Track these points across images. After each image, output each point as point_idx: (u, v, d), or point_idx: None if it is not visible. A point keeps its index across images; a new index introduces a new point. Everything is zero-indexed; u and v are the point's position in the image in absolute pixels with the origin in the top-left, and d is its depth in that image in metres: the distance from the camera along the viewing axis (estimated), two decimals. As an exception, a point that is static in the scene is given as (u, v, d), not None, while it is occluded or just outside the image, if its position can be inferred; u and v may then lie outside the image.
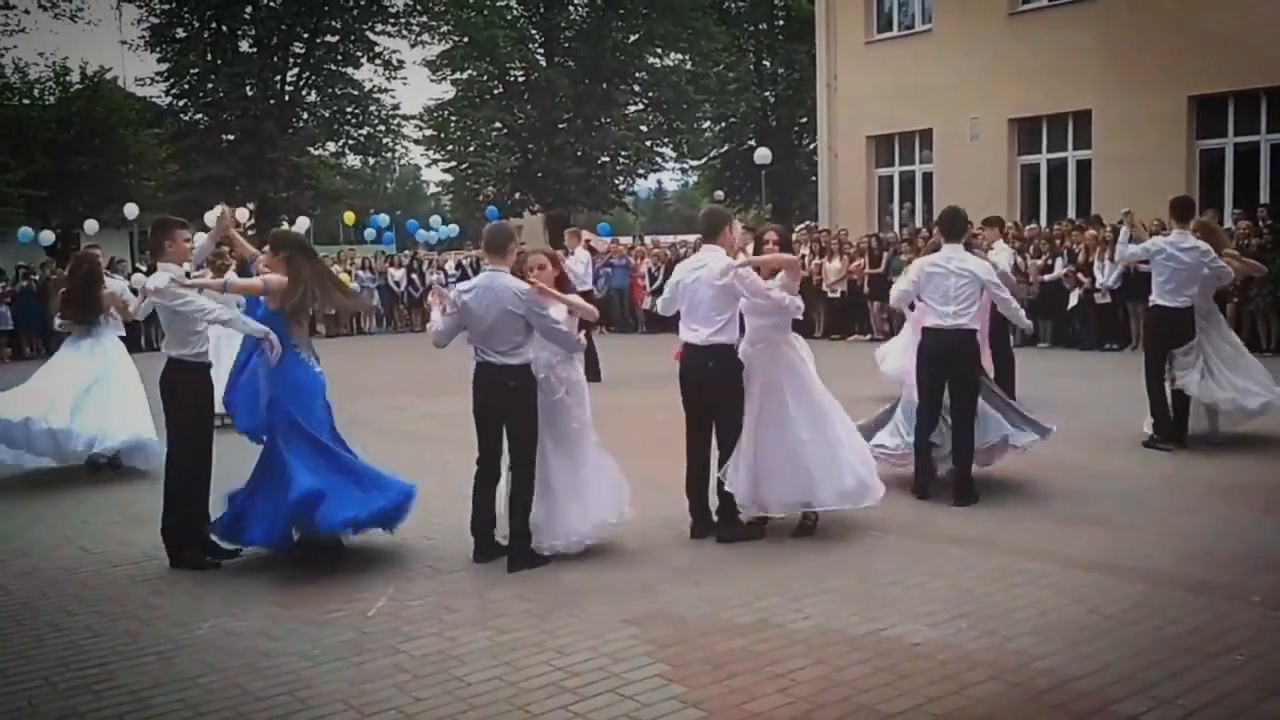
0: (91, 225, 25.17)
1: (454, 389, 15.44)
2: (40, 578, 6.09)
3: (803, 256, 12.42)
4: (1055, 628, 4.77)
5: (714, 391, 6.39)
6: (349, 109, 36.97)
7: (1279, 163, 17.83)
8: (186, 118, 35.26)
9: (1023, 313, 7.77)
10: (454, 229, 26.49)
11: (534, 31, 36.57)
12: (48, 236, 24.46)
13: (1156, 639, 4.62)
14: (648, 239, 27.49)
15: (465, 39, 34.43)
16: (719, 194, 39.30)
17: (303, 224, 24.74)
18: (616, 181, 37.93)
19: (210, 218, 22.42)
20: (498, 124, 36.03)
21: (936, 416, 7.32)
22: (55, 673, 4.66)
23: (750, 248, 7.01)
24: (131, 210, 24.84)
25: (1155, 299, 8.69)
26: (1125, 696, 4.05)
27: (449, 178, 38.97)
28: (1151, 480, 7.61)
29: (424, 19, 36.00)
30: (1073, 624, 4.82)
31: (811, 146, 31.72)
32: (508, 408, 5.95)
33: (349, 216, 28.30)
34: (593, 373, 15.18)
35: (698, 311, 6.36)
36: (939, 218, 7.77)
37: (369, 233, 29.23)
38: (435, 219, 27.58)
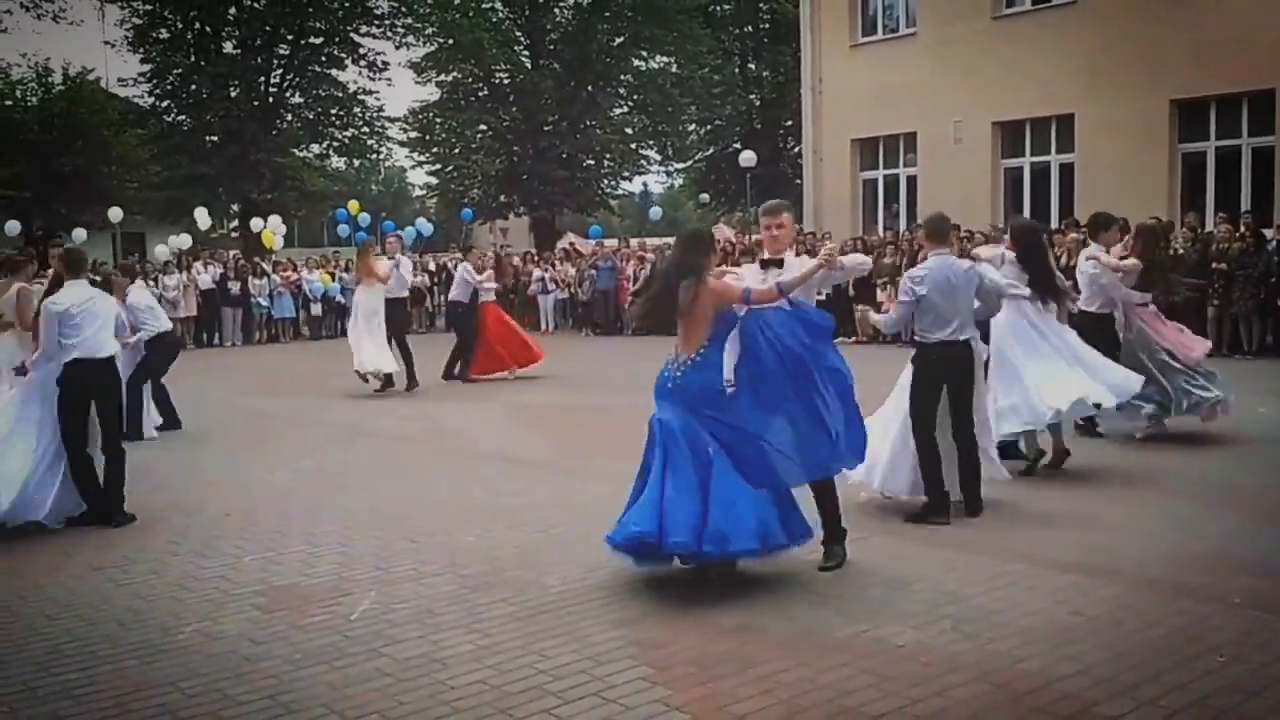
0: (80, 234, 24.83)
1: (438, 394, 15.32)
2: (20, 581, 6.05)
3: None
4: (1038, 629, 4.79)
5: None
6: (333, 111, 36.78)
7: (1260, 166, 17.95)
8: (169, 119, 35.05)
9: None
10: (412, 230, 25.71)
11: (519, 34, 36.50)
12: (13, 227, 23.87)
13: (1138, 640, 4.64)
14: (633, 241, 27.40)
15: (450, 41, 34.34)
16: (704, 197, 39.32)
17: (279, 227, 24.51)
18: (602, 184, 37.93)
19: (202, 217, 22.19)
20: (483, 126, 35.95)
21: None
22: (35, 677, 4.63)
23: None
24: (116, 214, 24.53)
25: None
26: (1107, 698, 4.07)
27: (434, 180, 38.90)
28: (1133, 482, 7.64)
29: (409, 21, 35.92)
30: (1055, 626, 4.84)
31: (796, 149, 31.76)
32: None
33: (354, 205, 27.56)
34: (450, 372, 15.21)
35: None
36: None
37: (343, 229, 28.58)
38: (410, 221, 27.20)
